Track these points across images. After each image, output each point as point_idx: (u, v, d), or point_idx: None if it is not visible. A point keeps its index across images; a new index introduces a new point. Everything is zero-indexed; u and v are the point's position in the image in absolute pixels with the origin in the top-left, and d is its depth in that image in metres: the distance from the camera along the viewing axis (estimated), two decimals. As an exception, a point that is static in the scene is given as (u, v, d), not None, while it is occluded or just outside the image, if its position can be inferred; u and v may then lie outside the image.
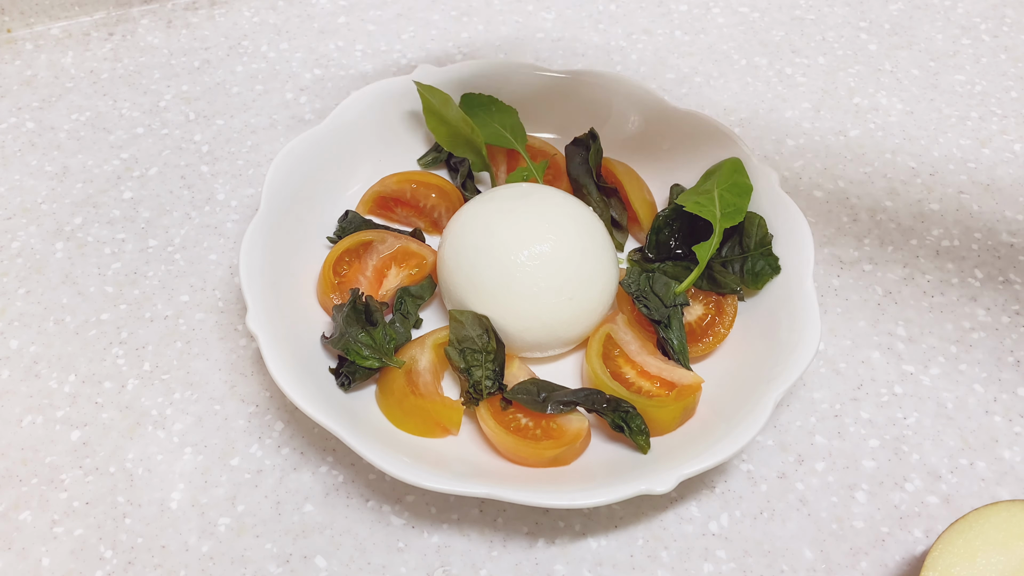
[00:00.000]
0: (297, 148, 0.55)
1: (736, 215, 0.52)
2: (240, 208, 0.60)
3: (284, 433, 0.50)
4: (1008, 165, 0.64)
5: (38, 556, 0.46)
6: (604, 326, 0.51)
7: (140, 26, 0.72)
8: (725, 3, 0.75)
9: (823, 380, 0.53)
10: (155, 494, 0.48)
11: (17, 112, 0.66)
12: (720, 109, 0.67)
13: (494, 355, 0.49)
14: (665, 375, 0.49)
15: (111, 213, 0.60)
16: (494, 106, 0.59)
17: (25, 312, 0.55)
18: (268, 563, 0.46)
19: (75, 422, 0.50)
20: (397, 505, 0.48)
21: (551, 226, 0.50)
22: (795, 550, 0.46)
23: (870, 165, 0.64)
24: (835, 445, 0.50)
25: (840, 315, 0.56)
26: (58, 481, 0.48)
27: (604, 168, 0.58)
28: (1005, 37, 0.73)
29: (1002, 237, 0.60)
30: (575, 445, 0.47)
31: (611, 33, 0.72)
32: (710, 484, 0.49)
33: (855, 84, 0.69)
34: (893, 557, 0.46)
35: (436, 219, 0.58)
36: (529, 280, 0.49)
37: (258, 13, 0.73)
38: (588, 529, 0.47)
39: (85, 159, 0.63)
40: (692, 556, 0.46)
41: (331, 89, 0.68)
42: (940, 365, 0.54)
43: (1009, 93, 0.69)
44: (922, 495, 0.49)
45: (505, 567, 0.46)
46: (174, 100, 0.67)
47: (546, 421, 0.48)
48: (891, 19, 0.74)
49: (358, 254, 0.54)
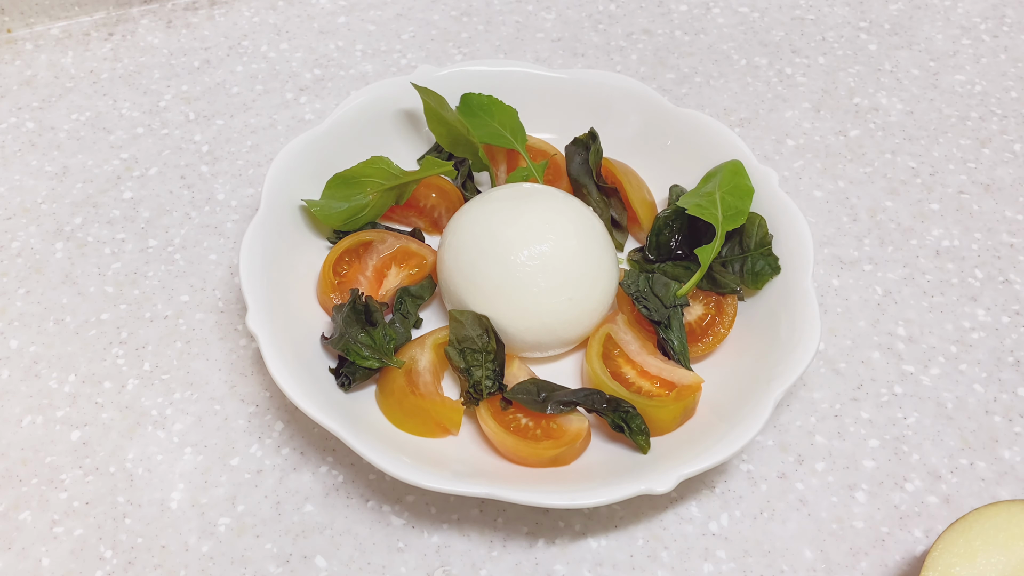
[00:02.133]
0: (297, 148, 0.55)
1: (738, 217, 0.52)
2: (240, 208, 0.60)
3: (284, 433, 0.50)
4: (1008, 165, 0.64)
5: (38, 556, 0.46)
6: (604, 326, 0.51)
7: (140, 26, 0.72)
8: (725, 3, 0.75)
9: (823, 380, 0.53)
10: (155, 494, 0.48)
11: (17, 112, 0.66)
12: (720, 109, 0.67)
13: (494, 355, 0.49)
14: (665, 375, 0.49)
15: (111, 213, 0.60)
16: (494, 106, 0.59)
17: (25, 312, 0.55)
18: (268, 563, 0.46)
19: (75, 422, 0.50)
20: (397, 505, 0.48)
21: (551, 226, 0.50)
22: (795, 550, 0.46)
23: (870, 165, 0.64)
24: (835, 445, 0.50)
25: (840, 315, 0.56)
26: (58, 481, 0.48)
27: (604, 168, 0.58)
28: (1005, 37, 0.73)
29: (1002, 237, 0.60)
30: (575, 445, 0.47)
31: (611, 33, 0.72)
32: (710, 484, 0.49)
33: (855, 84, 0.69)
34: (893, 557, 0.46)
35: (436, 219, 0.58)
36: (529, 280, 0.49)
37: (258, 13, 0.73)
38: (588, 529, 0.47)
39: (85, 159, 0.63)
40: (692, 556, 0.46)
41: (331, 89, 0.68)
42: (940, 365, 0.54)
43: (1009, 93, 0.69)
44: (922, 495, 0.49)
45: (505, 567, 0.46)
46: (174, 100, 0.67)
47: (546, 421, 0.48)
48: (891, 19, 0.74)
49: (358, 254, 0.54)
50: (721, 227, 0.52)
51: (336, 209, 0.54)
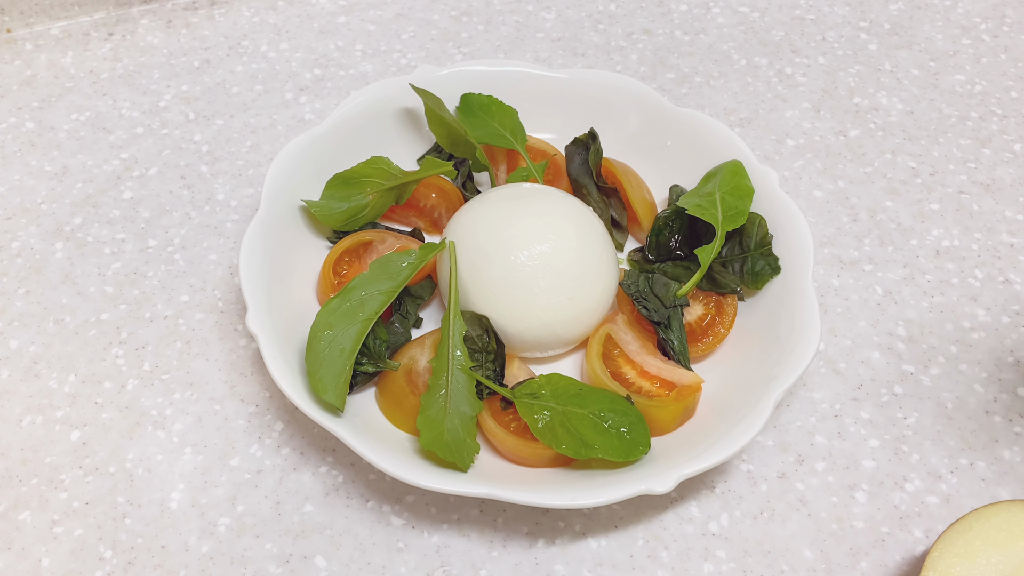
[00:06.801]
0: (297, 148, 0.55)
1: (738, 218, 0.52)
2: (240, 208, 0.60)
3: (284, 433, 0.50)
4: (1008, 165, 0.64)
5: (38, 556, 0.46)
6: (604, 326, 0.51)
7: (140, 26, 0.72)
8: (725, 3, 0.75)
9: (823, 380, 0.53)
10: (155, 494, 0.48)
11: (17, 112, 0.66)
12: (720, 109, 0.67)
13: (494, 355, 0.49)
14: (665, 375, 0.49)
15: (111, 213, 0.60)
16: (494, 106, 0.59)
17: (25, 312, 0.55)
18: (268, 563, 0.46)
19: (75, 422, 0.50)
20: (397, 505, 0.48)
21: (551, 226, 0.50)
22: (795, 550, 0.47)
23: (870, 165, 0.64)
24: (835, 445, 0.50)
25: (840, 315, 0.56)
26: (58, 481, 0.48)
27: (604, 168, 0.58)
28: (1005, 37, 0.73)
29: (1002, 237, 0.60)
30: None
31: (611, 33, 0.72)
32: (710, 484, 0.49)
33: (855, 84, 0.69)
34: (893, 557, 0.46)
35: (436, 219, 0.58)
36: (529, 280, 0.49)
37: (258, 13, 0.73)
38: (588, 529, 0.47)
39: (85, 159, 0.63)
40: (692, 556, 0.46)
41: (331, 89, 0.68)
42: (940, 365, 0.54)
43: (1009, 93, 0.69)
44: (922, 495, 0.49)
45: (505, 567, 0.46)
46: (174, 100, 0.67)
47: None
48: (891, 19, 0.74)
49: (358, 254, 0.54)
50: (721, 227, 0.52)
51: (336, 209, 0.54)
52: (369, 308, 0.48)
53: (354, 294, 0.48)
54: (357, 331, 0.47)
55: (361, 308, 0.48)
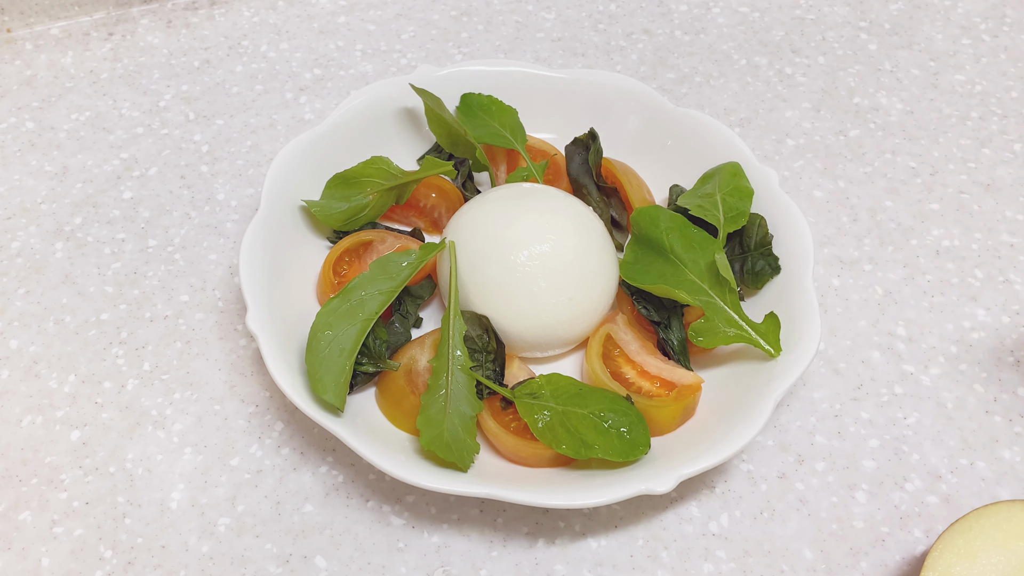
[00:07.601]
0: (297, 148, 0.55)
1: (739, 219, 0.52)
2: (240, 208, 0.60)
3: (284, 433, 0.50)
4: (1008, 165, 0.64)
5: (38, 556, 0.46)
6: (604, 326, 0.51)
7: (140, 26, 0.72)
8: (725, 3, 0.75)
9: (823, 380, 0.53)
10: (155, 494, 0.48)
11: (17, 112, 0.66)
12: (720, 109, 0.67)
13: (494, 355, 0.49)
14: (665, 375, 0.49)
15: (111, 213, 0.60)
16: (494, 106, 0.59)
17: (25, 312, 0.55)
18: (268, 563, 0.46)
19: (75, 422, 0.50)
20: (397, 505, 0.48)
21: (551, 226, 0.50)
22: (795, 550, 0.46)
23: (870, 165, 0.64)
24: (835, 445, 0.50)
25: (840, 315, 0.56)
26: (58, 481, 0.48)
27: (604, 168, 0.58)
28: (1005, 37, 0.73)
29: (1002, 237, 0.60)
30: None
31: (611, 33, 0.72)
32: (710, 484, 0.49)
33: (855, 84, 0.69)
34: (893, 557, 0.46)
35: (436, 219, 0.58)
36: (529, 280, 0.49)
37: (258, 13, 0.73)
38: (588, 529, 0.47)
39: (85, 159, 0.63)
40: (692, 556, 0.46)
41: (331, 89, 0.68)
42: (940, 365, 0.54)
43: (1009, 93, 0.69)
44: (922, 495, 0.49)
45: (505, 567, 0.46)
46: (174, 100, 0.67)
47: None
48: (891, 19, 0.74)
49: (358, 254, 0.54)
50: (723, 228, 0.52)
51: (336, 209, 0.54)
52: (369, 308, 0.48)
53: (354, 294, 0.48)
54: (357, 331, 0.47)
55: (361, 308, 0.48)
